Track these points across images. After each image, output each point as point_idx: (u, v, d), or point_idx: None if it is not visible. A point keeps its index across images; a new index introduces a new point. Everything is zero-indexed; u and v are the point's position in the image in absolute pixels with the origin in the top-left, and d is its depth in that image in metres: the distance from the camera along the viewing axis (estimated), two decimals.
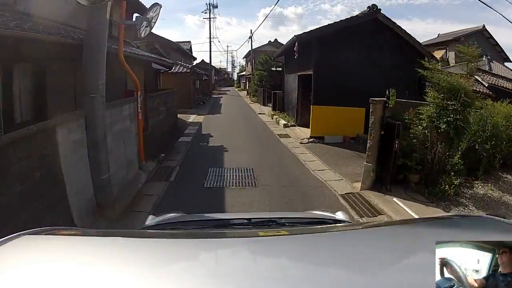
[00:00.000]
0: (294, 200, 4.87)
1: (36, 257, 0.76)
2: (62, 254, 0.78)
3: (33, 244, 0.85)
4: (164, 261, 0.73)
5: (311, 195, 5.11)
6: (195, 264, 0.75)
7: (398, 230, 1.01)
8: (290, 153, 8.01)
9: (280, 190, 5.25)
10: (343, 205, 4.73)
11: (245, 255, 0.83)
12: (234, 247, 0.88)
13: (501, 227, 0.90)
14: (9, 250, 0.77)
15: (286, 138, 9.93)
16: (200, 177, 5.80)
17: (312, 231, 1.16)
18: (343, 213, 1.92)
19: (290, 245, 0.87)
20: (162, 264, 0.71)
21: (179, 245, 0.89)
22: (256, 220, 1.52)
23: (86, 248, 0.83)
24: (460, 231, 0.96)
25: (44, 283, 0.62)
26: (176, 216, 1.84)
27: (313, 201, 4.85)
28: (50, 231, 0.96)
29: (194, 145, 8.89)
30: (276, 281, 0.64)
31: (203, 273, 0.68)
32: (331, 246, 0.85)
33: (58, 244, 0.87)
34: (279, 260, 0.77)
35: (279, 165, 6.82)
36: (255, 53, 32.75)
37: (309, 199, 4.92)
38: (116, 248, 0.84)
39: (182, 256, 0.79)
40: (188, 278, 0.65)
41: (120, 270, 0.68)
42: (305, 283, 0.63)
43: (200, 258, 0.81)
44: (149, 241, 0.97)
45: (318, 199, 4.94)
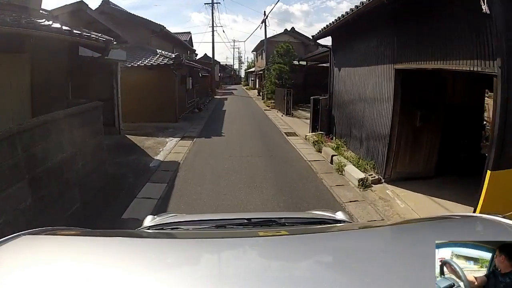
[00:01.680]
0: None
1: (36, 257, 0.77)
2: (62, 254, 0.79)
3: (33, 244, 0.86)
4: (165, 262, 0.74)
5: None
6: (195, 264, 0.75)
7: (398, 230, 1.03)
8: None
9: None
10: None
11: (245, 255, 0.83)
12: (234, 247, 0.88)
13: (500, 227, 0.88)
14: (9, 250, 0.78)
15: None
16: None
17: (312, 231, 1.16)
18: (343, 213, 1.89)
19: (290, 245, 0.87)
20: (162, 265, 0.72)
21: (179, 245, 0.92)
22: (256, 220, 1.49)
23: (86, 248, 0.83)
24: (460, 231, 0.96)
25: (44, 283, 0.62)
26: (176, 216, 1.86)
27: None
28: (50, 231, 0.98)
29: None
30: (276, 281, 0.64)
31: (203, 273, 0.69)
32: (331, 246, 0.86)
33: (58, 244, 0.88)
34: (279, 260, 0.77)
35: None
36: (269, 44, 25.88)
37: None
38: (116, 248, 0.84)
39: (182, 256, 0.79)
40: (189, 278, 0.65)
41: (120, 270, 0.68)
42: (306, 283, 0.62)
43: (200, 258, 0.80)
44: (149, 241, 0.99)
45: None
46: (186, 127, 10.67)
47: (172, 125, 10.90)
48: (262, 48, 30.71)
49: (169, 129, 10.08)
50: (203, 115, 14.19)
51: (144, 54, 12.16)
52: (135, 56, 11.74)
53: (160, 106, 11.14)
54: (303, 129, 10.03)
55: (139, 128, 9.59)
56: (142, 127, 9.85)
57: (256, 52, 36.36)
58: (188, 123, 11.56)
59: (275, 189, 4.96)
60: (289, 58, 16.96)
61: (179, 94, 11.91)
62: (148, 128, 9.76)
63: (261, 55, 32.57)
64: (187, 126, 10.89)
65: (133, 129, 9.17)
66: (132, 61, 11.03)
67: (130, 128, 9.18)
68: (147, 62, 10.90)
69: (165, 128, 10.21)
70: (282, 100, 14.42)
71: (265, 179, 5.38)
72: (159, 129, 9.81)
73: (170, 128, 10.36)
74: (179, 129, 10.18)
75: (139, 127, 9.72)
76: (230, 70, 61.48)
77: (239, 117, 13.72)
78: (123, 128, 8.82)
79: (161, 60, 11.04)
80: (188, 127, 10.72)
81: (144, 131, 9.22)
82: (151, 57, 11.63)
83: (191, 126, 11.01)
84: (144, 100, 11.18)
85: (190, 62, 13.54)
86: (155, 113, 11.21)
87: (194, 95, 15.55)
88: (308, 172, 5.90)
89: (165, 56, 11.41)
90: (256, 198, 4.62)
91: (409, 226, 1.13)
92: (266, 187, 5.02)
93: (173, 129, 10.22)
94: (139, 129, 9.47)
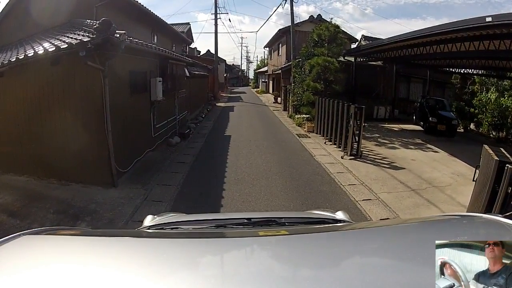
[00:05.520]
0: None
1: (36, 257, 0.76)
2: (62, 254, 0.79)
3: (33, 244, 0.85)
4: (165, 261, 0.72)
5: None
6: (196, 264, 0.74)
7: (398, 230, 1.02)
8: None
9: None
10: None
11: (245, 254, 0.82)
12: (234, 246, 0.87)
13: (500, 227, 0.87)
14: (9, 250, 0.77)
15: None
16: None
17: (312, 231, 1.14)
18: (343, 213, 1.86)
19: (290, 244, 0.86)
20: (162, 265, 0.70)
21: (179, 245, 0.89)
22: (256, 219, 1.47)
23: (86, 248, 0.83)
24: (460, 231, 0.95)
25: (44, 283, 0.61)
26: (176, 216, 1.83)
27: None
28: (50, 231, 0.98)
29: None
30: (276, 281, 0.64)
31: (203, 273, 0.68)
32: (331, 246, 0.85)
33: (58, 244, 0.87)
34: (279, 259, 0.77)
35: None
36: (288, 37, 18.72)
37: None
38: (116, 248, 0.83)
39: (182, 256, 0.78)
40: (189, 278, 0.65)
41: (120, 270, 0.67)
42: (306, 283, 0.61)
43: (200, 258, 0.78)
44: (149, 241, 0.97)
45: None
46: (124, 213, 3.94)
47: (97, 199, 4.22)
48: (280, 41, 23.82)
49: (79, 223, 3.39)
50: (187, 151, 7.32)
51: (56, 35, 5.58)
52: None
53: (72, 147, 4.49)
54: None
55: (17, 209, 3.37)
56: (30, 199, 3.38)
57: (270, 48, 29.38)
58: (141, 188, 4.81)
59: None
60: (337, 47, 10.10)
61: (124, 117, 5.18)
62: (32, 213, 3.24)
63: (277, 50, 25.63)
64: (131, 205, 4.16)
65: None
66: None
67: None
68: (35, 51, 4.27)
69: (74, 216, 3.60)
70: (337, 122, 7.56)
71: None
72: (54, 220, 3.11)
73: (82, 216, 3.70)
74: (103, 225, 3.43)
75: (19, 209, 3.44)
76: (237, 70, 55.73)
77: (258, 168, 6.14)
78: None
79: (67, 41, 4.34)
80: (129, 212, 3.98)
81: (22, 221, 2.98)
82: (62, 37, 4.98)
83: (142, 205, 4.26)
84: (42, 134, 4.64)
85: (159, 48, 6.72)
86: (65, 163, 4.60)
87: (176, 109, 8.75)
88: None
89: (86, 29, 4.69)
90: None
91: (409, 226, 1.12)
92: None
93: (89, 223, 3.57)
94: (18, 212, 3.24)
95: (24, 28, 8.41)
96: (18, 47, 6.50)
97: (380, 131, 10.77)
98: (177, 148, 7.43)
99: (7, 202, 4.23)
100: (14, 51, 6.09)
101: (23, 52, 5.07)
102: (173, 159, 6.46)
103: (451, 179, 6.22)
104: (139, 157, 5.93)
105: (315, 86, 9.75)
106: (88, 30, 4.56)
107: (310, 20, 21.40)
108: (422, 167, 6.82)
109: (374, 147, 8.31)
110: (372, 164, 6.63)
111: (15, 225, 3.64)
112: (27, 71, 4.85)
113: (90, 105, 4.58)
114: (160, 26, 13.03)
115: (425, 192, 5.43)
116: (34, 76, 4.87)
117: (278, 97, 19.50)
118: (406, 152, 8.13)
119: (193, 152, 7.22)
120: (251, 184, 5.08)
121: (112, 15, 7.27)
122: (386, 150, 8.02)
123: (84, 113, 4.62)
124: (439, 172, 6.61)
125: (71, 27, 6.68)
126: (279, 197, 4.63)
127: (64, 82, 4.72)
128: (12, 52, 6.03)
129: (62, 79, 4.71)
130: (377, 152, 7.73)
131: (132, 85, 5.63)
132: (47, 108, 4.82)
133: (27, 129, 4.97)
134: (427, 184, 5.85)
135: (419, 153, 8.15)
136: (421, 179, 6.07)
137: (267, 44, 29.17)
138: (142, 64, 6.17)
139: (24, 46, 6.12)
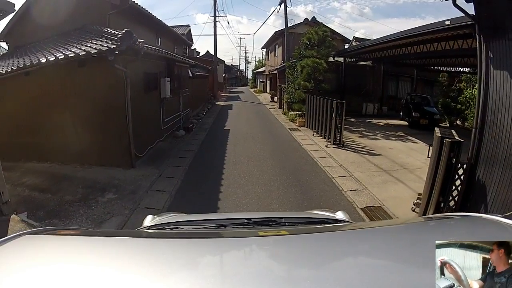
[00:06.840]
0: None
1: (36, 257, 0.76)
2: (62, 254, 0.79)
3: (33, 244, 0.85)
4: (165, 261, 0.73)
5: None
6: (196, 264, 0.74)
7: (398, 230, 1.02)
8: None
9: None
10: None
11: (245, 255, 0.82)
12: (234, 247, 0.87)
13: (500, 227, 0.87)
14: (9, 250, 0.77)
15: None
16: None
17: (312, 231, 1.14)
18: (343, 213, 1.87)
19: (290, 244, 0.86)
20: (162, 264, 0.70)
21: (179, 245, 0.89)
22: (256, 219, 1.47)
23: (86, 248, 0.83)
24: (460, 230, 0.96)
25: (44, 283, 0.61)
26: (176, 216, 1.82)
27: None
28: (50, 231, 0.97)
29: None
30: (276, 281, 0.64)
31: (203, 273, 0.68)
32: (331, 246, 0.85)
33: (58, 244, 0.87)
34: (279, 260, 0.77)
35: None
36: (284, 38, 19.81)
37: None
38: (116, 248, 0.83)
39: (182, 256, 0.78)
40: (189, 278, 0.65)
41: (120, 270, 0.67)
42: (306, 283, 0.62)
43: (200, 258, 0.79)
44: (149, 241, 0.97)
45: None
46: (143, 186, 4.94)
47: (119, 177, 5.20)
48: (276, 43, 24.79)
49: (106, 194, 4.41)
50: (191, 141, 8.40)
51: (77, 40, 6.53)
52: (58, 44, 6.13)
53: (95, 136, 5.46)
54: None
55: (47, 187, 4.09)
56: (57, 179, 4.27)
57: (267, 49, 30.37)
58: (155, 169, 5.82)
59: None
60: (325, 50, 11.13)
61: (140, 111, 6.17)
62: (63, 188, 4.14)
63: (273, 51, 26.62)
64: (148, 181, 5.16)
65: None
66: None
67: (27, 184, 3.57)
68: (61, 53, 5.22)
69: (101, 189, 4.56)
70: (323, 116, 8.58)
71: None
72: (84, 193, 4.11)
73: (109, 189, 4.69)
74: (127, 195, 4.45)
75: (49, 187, 4.19)
76: (236, 70, 56.58)
77: (253, 153, 7.45)
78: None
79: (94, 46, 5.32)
80: (147, 185, 4.98)
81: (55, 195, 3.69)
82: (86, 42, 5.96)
83: (158, 181, 5.26)
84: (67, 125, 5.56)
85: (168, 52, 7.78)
86: (88, 150, 5.56)
87: (181, 106, 9.80)
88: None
89: (108, 37, 5.70)
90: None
91: (409, 226, 1.12)
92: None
93: (115, 193, 4.55)
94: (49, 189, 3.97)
95: (38, 31, 8.83)
96: (34, 51, 7.07)
97: (366, 125, 11.68)
98: (182, 140, 8.46)
99: (35, 183, 4.91)
100: (31, 55, 6.63)
101: (44, 56, 5.83)
102: (180, 148, 7.49)
103: (423, 164, 7.02)
104: (152, 145, 6.93)
105: (305, 85, 10.80)
106: (111, 38, 5.53)
107: (304, 23, 22.29)
108: (398, 154, 7.68)
109: (358, 138, 9.28)
110: (352, 151, 7.63)
111: (48, 198, 4.35)
112: (51, 71, 5.58)
113: (114, 100, 5.54)
114: (163, 30, 14.01)
115: (395, 172, 6.36)
116: (58, 75, 5.61)
117: (275, 96, 20.50)
118: (387, 142, 9.00)
119: (197, 142, 8.27)
120: (247, 164, 6.15)
121: (123, 22, 8.31)
122: (368, 141, 8.97)
123: (109, 107, 5.57)
124: (413, 158, 7.46)
125: (87, 32, 7.55)
126: (267, 173, 5.69)
127: (88, 81, 5.57)
128: (30, 56, 6.58)
129: (87, 78, 5.57)
130: (359, 142, 8.71)
131: (146, 84, 6.63)
132: (72, 104, 5.60)
133: (49, 121, 5.68)
134: (399, 167, 6.76)
135: (398, 143, 8.98)
136: (394, 163, 6.99)
137: (264, 45, 30.13)
138: (153, 66, 7.18)
139: (41, 51, 6.70)
